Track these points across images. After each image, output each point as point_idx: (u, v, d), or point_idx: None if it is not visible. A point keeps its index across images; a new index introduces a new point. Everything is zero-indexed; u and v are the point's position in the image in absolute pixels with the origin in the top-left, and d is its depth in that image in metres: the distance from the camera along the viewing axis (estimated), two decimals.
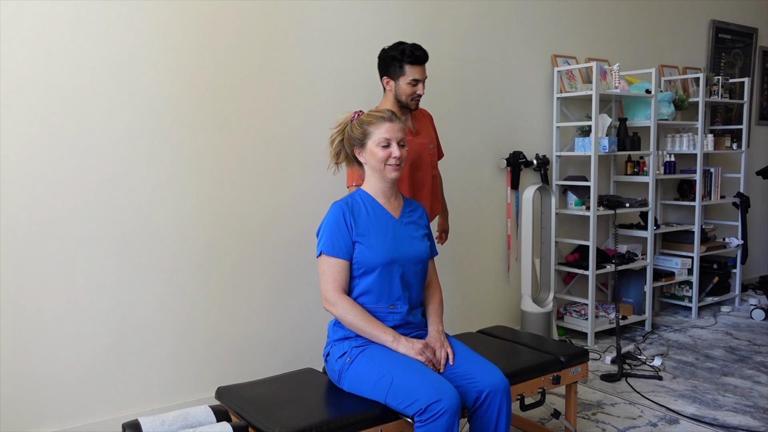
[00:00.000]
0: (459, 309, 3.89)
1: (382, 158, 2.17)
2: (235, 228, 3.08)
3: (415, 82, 2.79)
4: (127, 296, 2.83)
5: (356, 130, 2.20)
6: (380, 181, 2.23)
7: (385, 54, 2.84)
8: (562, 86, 4.21)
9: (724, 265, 4.95)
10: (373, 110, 2.24)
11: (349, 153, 2.26)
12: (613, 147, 4.07)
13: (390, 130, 2.18)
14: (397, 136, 2.18)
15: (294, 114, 3.22)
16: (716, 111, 5.40)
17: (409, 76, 2.77)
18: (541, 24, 4.18)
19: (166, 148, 2.88)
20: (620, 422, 2.93)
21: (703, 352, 3.91)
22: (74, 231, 2.70)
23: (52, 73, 2.62)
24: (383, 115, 2.20)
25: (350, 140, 2.22)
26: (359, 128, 2.20)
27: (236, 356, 3.13)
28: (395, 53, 2.78)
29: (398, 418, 2.05)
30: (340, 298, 2.13)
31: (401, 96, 2.81)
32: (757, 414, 3.01)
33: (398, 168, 2.19)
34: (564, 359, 2.55)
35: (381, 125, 2.18)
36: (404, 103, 2.83)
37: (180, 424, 1.91)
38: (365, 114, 2.23)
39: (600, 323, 4.12)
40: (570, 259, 4.31)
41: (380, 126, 2.18)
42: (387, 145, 2.17)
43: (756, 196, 5.71)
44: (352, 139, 2.22)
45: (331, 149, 2.28)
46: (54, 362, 2.69)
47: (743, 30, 5.58)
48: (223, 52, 3.00)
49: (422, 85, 2.82)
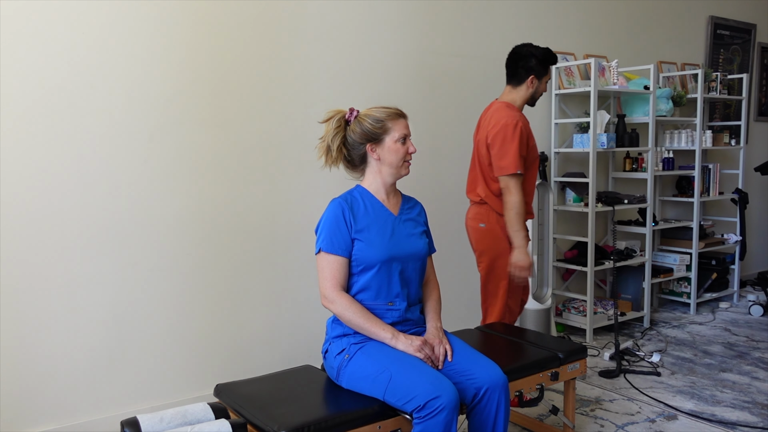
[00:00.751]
0: (458, 306, 3.90)
1: (403, 154, 2.18)
2: (233, 225, 3.08)
3: (547, 82, 3.07)
4: (125, 294, 2.83)
5: (372, 125, 2.17)
6: (389, 178, 2.23)
7: (542, 54, 2.99)
8: (561, 83, 4.20)
9: (723, 262, 4.95)
10: (377, 107, 2.22)
11: (352, 150, 2.22)
12: (611, 143, 4.07)
13: (406, 127, 2.20)
14: (408, 133, 2.20)
15: (292, 111, 3.21)
16: (715, 107, 5.40)
17: (548, 77, 3.05)
18: (540, 20, 4.17)
19: (164, 146, 2.88)
20: (618, 418, 2.94)
21: (702, 348, 3.92)
22: (71, 228, 2.70)
23: (49, 71, 2.61)
24: (397, 111, 2.19)
25: (366, 136, 2.18)
26: (376, 124, 2.17)
27: (235, 353, 3.13)
28: (550, 57, 3.00)
29: (397, 414, 2.05)
30: (338, 296, 2.13)
31: (537, 95, 3.04)
32: (755, 410, 3.02)
33: (409, 165, 2.23)
34: (562, 356, 2.56)
35: (398, 121, 2.18)
36: (533, 101, 3.06)
37: (179, 422, 1.91)
38: (375, 109, 2.20)
39: (598, 320, 4.13)
40: (568, 256, 4.31)
41: (397, 122, 2.18)
42: (404, 141, 2.19)
43: (754, 193, 5.72)
44: (368, 135, 2.18)
45: (333, 147, 2.21)
46: (52, 360, 2.69)
47: (742, 26, 5.58)
48: (221, 49, 2.99)
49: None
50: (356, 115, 2.21)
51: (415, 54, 3.61)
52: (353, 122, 2.21)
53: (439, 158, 3.76)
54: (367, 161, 2.23)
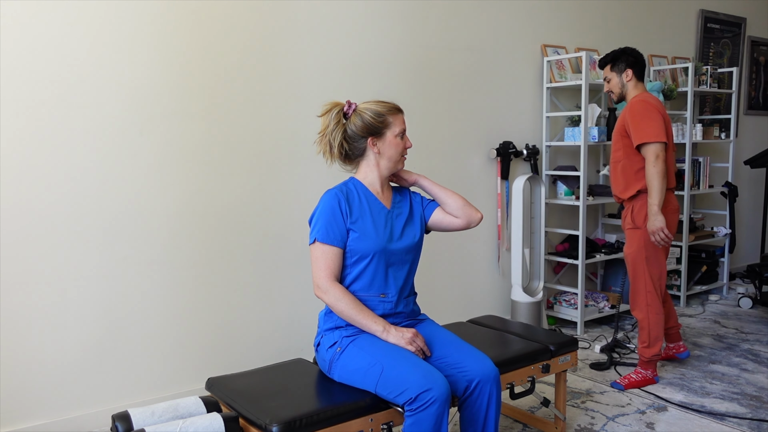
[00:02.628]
0: (449, 299, 3.91)
1: (401, 149, 2.22)
2: (224, 219, 3.07)
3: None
4: (116, 288, 2.82)
5: (374, 119, 2.16)
6: (386, 171, 2.24)
7: (635, 55, 3.22)
8: (552, 76, 4.21)
9: (712, 254, 4.98)
10: (374, 101, 2.21)
11: (353, 143, 2.20)
12: (602, 137, 4.08)
13: (403, 122, 2.22)
14: (405, 128, 2.24)
15: (284, 104, 3.20)
16: (705, 101, 5.42)
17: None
18: (531, 14, 4.17)
19: (155, 139, 2.87)
20: (609, 410, 2.96)
21: (691, 340, 3.94)
22: (62, 222, 2.68)
23: (39, 64, 2.59)
24: (395, 106, 2.22)
25: (367, 129, 2.17)
26: (378, 118, 2.16)
27: (226, 347, 3.12)
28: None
29: (389, 407, 2.06)
30: (332, 286, 2.13)
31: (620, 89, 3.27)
32: (744, 401, 3.04)
33: (405, 159, 2.28)
34: (553, 348, 2.57)
35: (397, 116, 2.20)
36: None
37: (170, 415, 1.91)
38: (373, 103, 2.20)
39: (589, 312, 4.15)
40: (560, 249, 4.32)
41: (397, 117, 2.20)
42: (403, 136, 2.21)
43: (744, 186, 5.75)
44: (368, 128, 2.17)
45: (335, 143, 2.18)
46: (43, 354, 2.68)
47: (732, 20, 5.60)
48: (213, 42, 2.98)
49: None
50: (355, 108, 2.20)
51: (407, 48, 3.60)
52: (353, 115, 2.19)
53: (432, 152, 3.76)
54: (365, 154, 2.23)
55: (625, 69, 3.22)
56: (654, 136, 3.00)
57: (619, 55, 3.25)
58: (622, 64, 3.23)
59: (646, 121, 3.04)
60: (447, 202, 2.31)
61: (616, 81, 3.25)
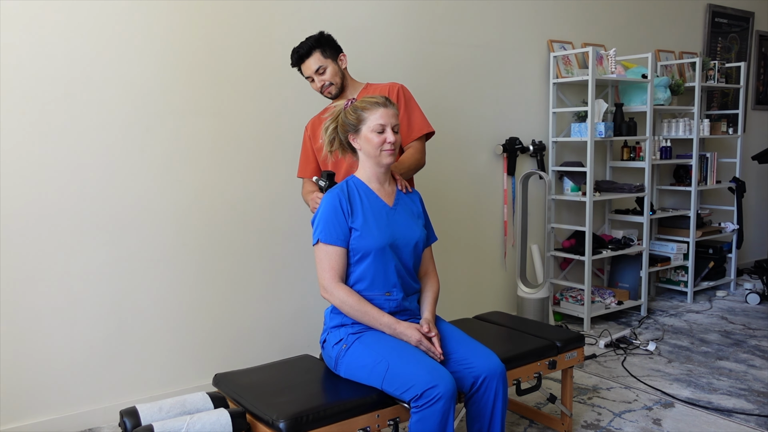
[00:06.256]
0: (456, 295, 3.91)
1: (377, 144, 2.16)
2: (231, 215, 3.08)
3: None
4: (124, 285, 2.83)
5: (350, 116, 2.19)
6: (375, 167, 2.22)
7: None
8: (559, 72, 4.19)
9: (720, 250, 4.96)
10: (367, 96, 2.23)
11: (343, 140, 2.25)
12: (609, 132, 4.06)
13: (384, 116, 2.17)
14: (391, 122, 2.17)
15: (290, 100, 3.20)
16: (712, 96, 5.39)
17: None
18: (538, 9, 4.16)
19: (161, 136, 2.87)
20: (616, 406, 2.95)
21: (698, 337, 3.93)
22: (69, 219, 2.69)
23: (46, 62, 2.60)
24: (377, 100, 2.18)
25: (344, 126, 2.21)
26: (353, 114, 2.18)
27: (233, 343, 3.13)
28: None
29: (395, 403, 2.06)
30: (337, 287, 2.13)
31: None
32: (751, 397, 3.03)
33: (393, 153, 2.18)
34: (560, 344, 2.57)
35: (375, 111, 2.17)
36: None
37: (178, 411, 1.92)
38: (359, 100, 2.22)
39: (596, 308, 4.14)
40: (566, 245, 4.31)
41: (375, 111, 2.16)
42: (381, 131, 2.16)
43: (751, 181, 5.72)
44: (346, 126, 2.20)
45: (325, 137, 2.26)
46: (52, 351, 2.69)
47: (740, 14, 5.56)
48: (219, 39, 2.98)
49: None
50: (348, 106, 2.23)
51: (413, 44, 3.59)
52: (343, 112, 2.23)
53: (438, 149, 3.75)
54: (356, 151, 2.25)
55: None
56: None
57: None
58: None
59: None
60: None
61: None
